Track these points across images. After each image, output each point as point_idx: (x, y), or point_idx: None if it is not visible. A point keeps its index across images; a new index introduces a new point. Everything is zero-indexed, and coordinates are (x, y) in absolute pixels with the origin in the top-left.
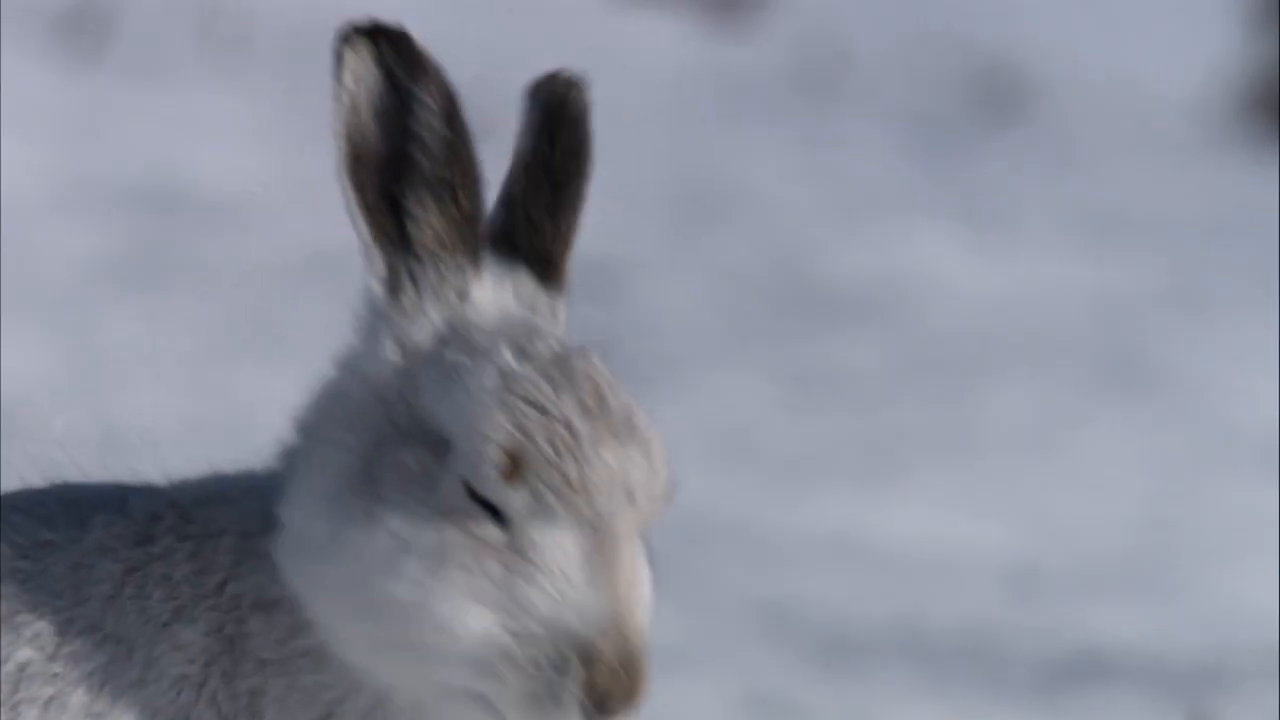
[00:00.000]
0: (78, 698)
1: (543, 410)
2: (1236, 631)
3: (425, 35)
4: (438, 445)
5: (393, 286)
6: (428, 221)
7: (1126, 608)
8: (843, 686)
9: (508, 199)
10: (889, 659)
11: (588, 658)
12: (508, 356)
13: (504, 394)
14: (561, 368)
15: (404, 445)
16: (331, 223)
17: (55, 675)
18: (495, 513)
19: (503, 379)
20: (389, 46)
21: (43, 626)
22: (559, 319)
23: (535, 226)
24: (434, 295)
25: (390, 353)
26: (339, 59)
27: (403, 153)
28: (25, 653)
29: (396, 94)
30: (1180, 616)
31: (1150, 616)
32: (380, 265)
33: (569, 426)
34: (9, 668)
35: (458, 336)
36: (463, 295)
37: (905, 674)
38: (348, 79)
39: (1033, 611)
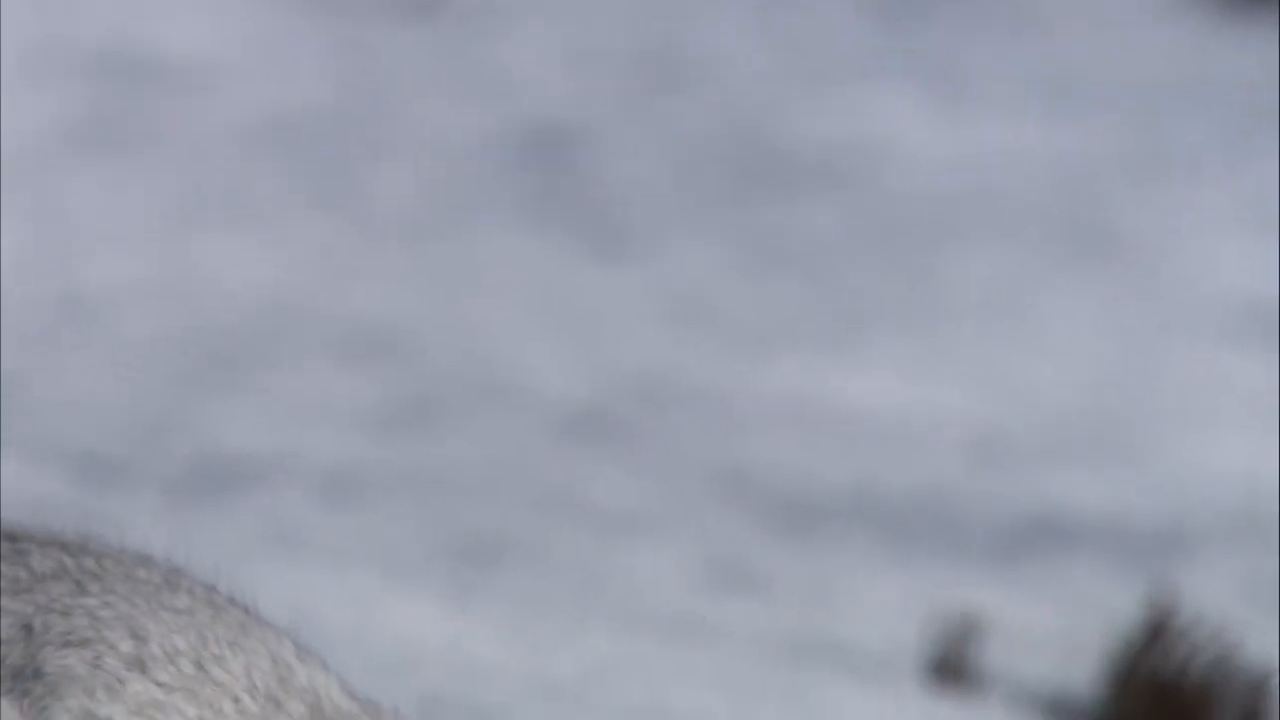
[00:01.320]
0: None
1: None
2: (1198, 497)
3: None
4: None
5: None
6: None
7: (1088, 473)
8: (802, 551)
9: None
10: (848, 524)
11: None
12: None
13: None
14: None
15: None
16: (292, 87)
17: None
18: None
19: None
20: None
21: None
22: None
23: None
24: None
25: None
26: None
27: None
28: None
29: None
30: (1142, 482)
31: (1111, 482)
32: None
33: None
34: None
35: None
36: None
37: (865, 539)
38: None
39: (993, 477)
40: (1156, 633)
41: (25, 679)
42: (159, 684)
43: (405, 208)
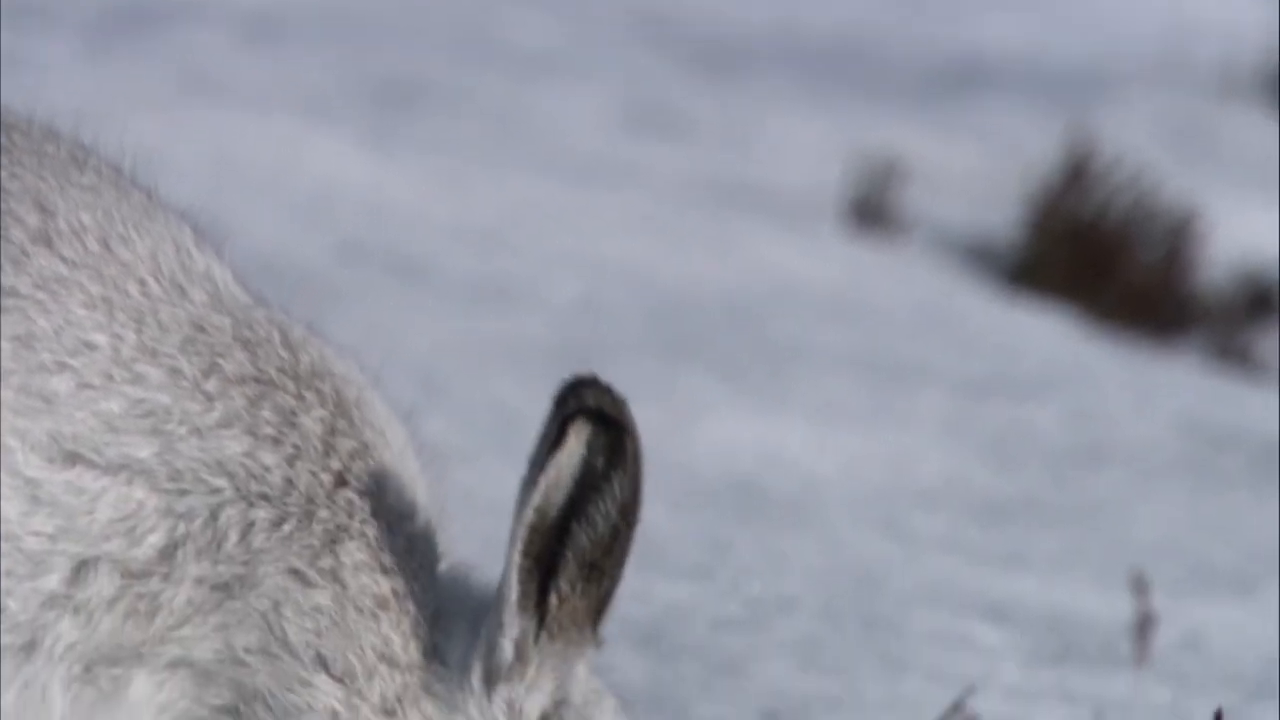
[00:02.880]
0: None
1: None
2: (1118, 38)
3: None
4: None
5: (520, 653)
6: (572, 600)
7: (1009, 15)
8: (723, 93)
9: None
10: (770, 66)
11: None
12: None
13: None
14: None
15: None
16: None
17: None
18: None
19: None
20: (608, 432)
21: None
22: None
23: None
24: (552, 672)
25: (501, 714)
26: (560, 432)
27: (570, 529)
28: None
29: (590, 475)
30: (1063, 24)
31: (1032, 24)
32: (517, 630)
33: None
34: None
35: (563, 715)
36: (572, 677)
37: (786, 81)
38: (564, 458)
39: (915, 18)
40: (1075, 175)
41: None
42: (64, 259)
43: None
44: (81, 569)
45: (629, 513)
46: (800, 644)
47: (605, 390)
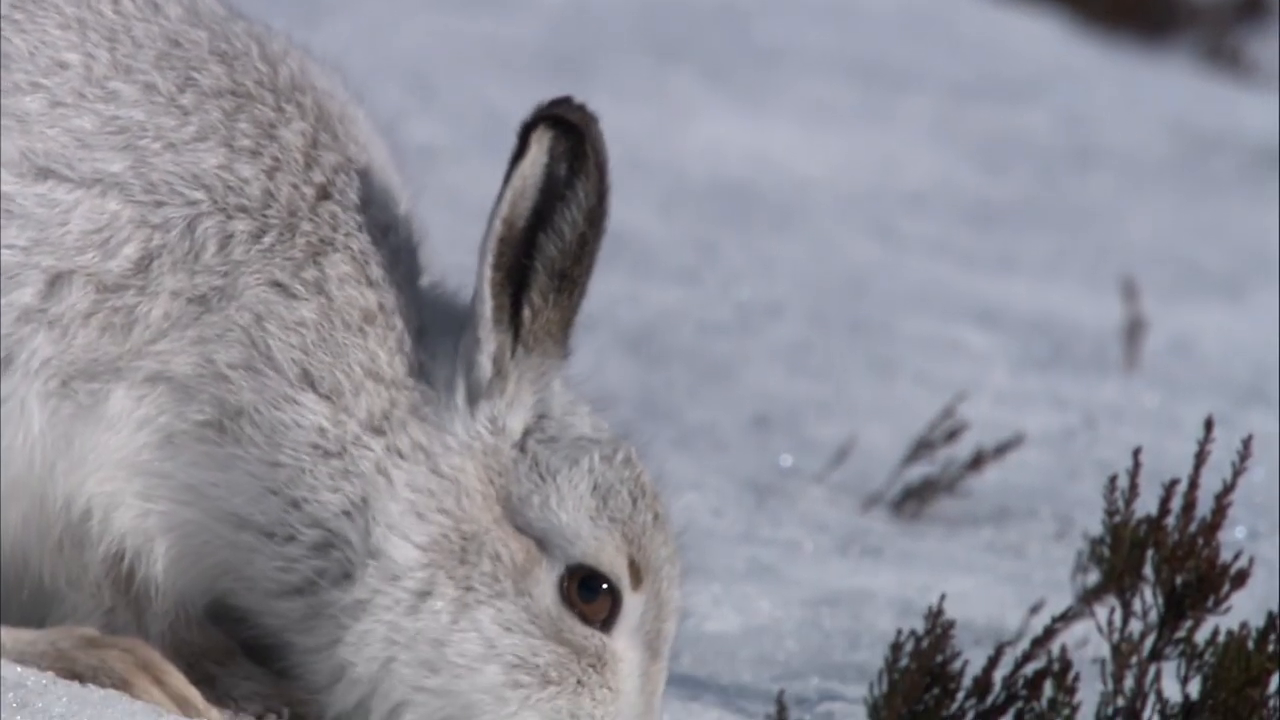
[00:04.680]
0: None
1: (637, 523)
2: None
3: None
4: (532, 544)
5: (499, 368)
6: (545, 312)
7: None
8: None
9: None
10: None
11: None
12: (597, 460)
13: (602, 505)
14: (633, 473)
15: (497, 535)
16: None
17: None
18: (583, 619)
19: (596, 488)
20: (569, 138)
21: None
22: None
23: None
24: (530, 385)
25: (485, 430)
26: (523, 143)
27: (538, 241)
28: None
29: (553, 185)
30: None
31: None
32: (493, 345)
33: (665, 543)
34: None
35: (544, 428)
36: (550, 386)
37: None
38: (527, 166)
39: None
40: None
41: None
42: None
43: None
44: (56, 282)
45: (595, 220)
46: (789, 348)
47: (569, 101)
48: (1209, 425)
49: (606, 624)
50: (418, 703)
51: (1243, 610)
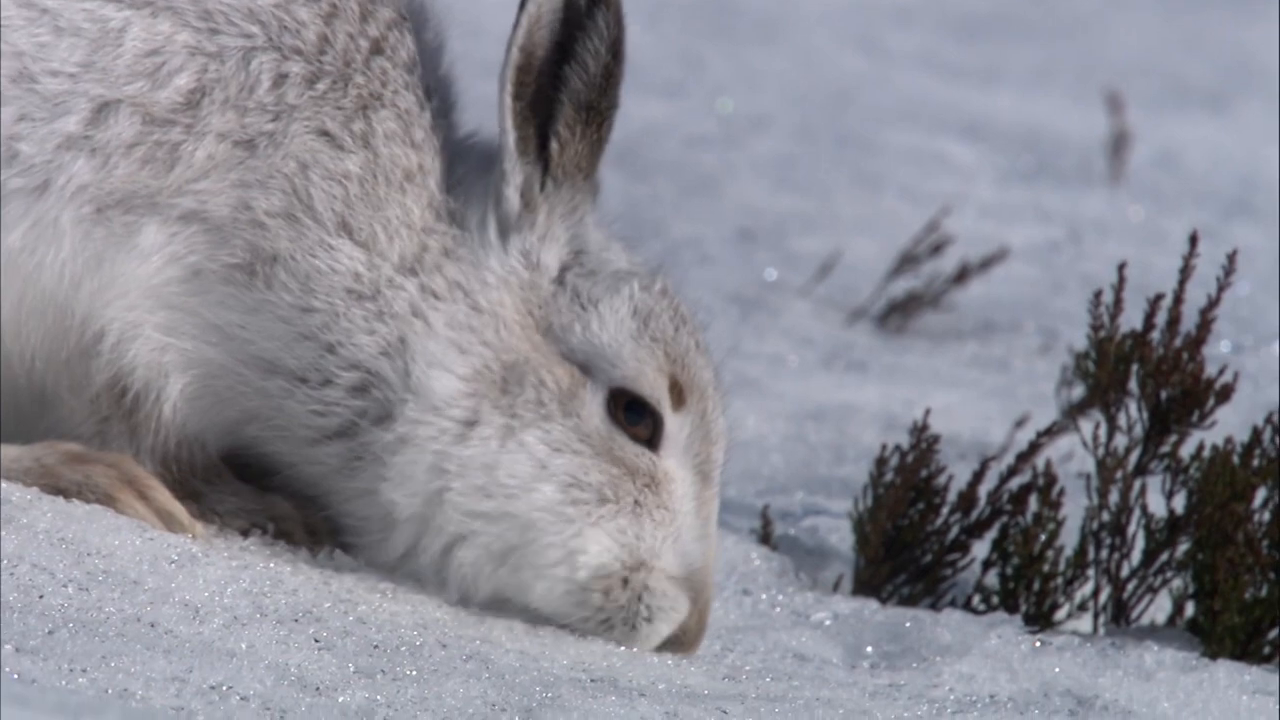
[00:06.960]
0: None
1: (679, 344)
2: None
3: None
4: (575, 369)
5: (527, 201)
6: (572, 145)
7: None
8: None
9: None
10: None
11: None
12: (637, 289)
13: (643, 327)
14: (672, 302)
15: (540, 362)
16: None
17: None
18: (633, 439)
19: (637, 312)
20: None
21: None
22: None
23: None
24: (562, 220)
25: (519, 265)
26: None
27: (562, 73)
28: None
29: (573, 15)
30: None
31: None
32: (520, 177)
33: (707, 366)
34: None
35: (582, 263)
36: (584, 221)
37: None
38: None
39: None
40: None
41: None
42: None
43: None
44: (103, 110)
45: (617, 49)
46: (774, 162)
47: None
48: (1194, 239)
49: (653, 443)
50: (474, 531)
51: (1228, 425)
